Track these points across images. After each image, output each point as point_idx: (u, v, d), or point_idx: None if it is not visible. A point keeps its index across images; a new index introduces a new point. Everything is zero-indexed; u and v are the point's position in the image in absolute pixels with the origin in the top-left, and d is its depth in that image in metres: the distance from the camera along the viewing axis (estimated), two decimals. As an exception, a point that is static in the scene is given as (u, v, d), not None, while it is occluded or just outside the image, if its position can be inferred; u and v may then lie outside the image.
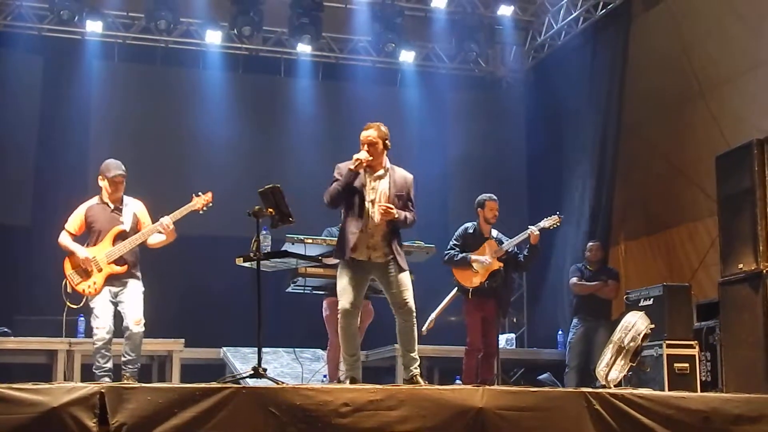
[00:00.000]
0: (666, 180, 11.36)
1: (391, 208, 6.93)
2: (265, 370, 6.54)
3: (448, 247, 9.17)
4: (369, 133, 7.06)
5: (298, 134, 12.95)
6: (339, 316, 7.05)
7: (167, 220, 7.67)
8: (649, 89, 11.66)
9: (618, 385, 7.80)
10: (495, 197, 9.30)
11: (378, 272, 7.07)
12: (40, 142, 12.41)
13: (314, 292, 8.89)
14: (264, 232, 6.94)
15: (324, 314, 8.71)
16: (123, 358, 7.61)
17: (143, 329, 7.66)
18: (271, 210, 6.63)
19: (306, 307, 9.52)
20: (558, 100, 13.09)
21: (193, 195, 7.79)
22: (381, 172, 7.10)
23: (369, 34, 12.98)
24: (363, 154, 6.99)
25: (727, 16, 10.48)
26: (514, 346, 11.95)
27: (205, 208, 7.78)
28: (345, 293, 7.01)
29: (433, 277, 8.98)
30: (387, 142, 7.10)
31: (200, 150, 12.47)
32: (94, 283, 7.61)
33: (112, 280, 7.66)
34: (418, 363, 7.13)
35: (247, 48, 13.04)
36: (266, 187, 6.70)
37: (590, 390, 6.42)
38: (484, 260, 9.01)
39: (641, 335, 7.64)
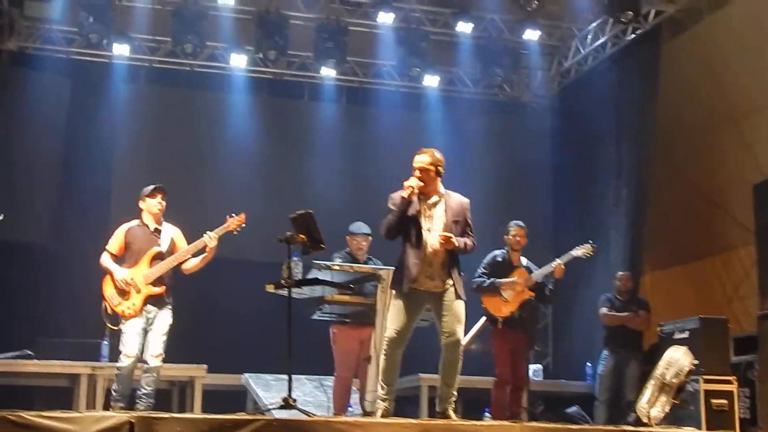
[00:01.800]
0: (696, 208, 11.18)
1: (450, 237, 6.78)
2: (294, 400, 6.39)
3: (477, 274, 9.02)
4: (421, 159, 6.94)
5: (321, 158, 12.86)
6: (385, 343, 6.92)
7: (213, 234, 7.67)
8: (678, 115, 11.50)
9: (660, 422, 7.58)
10: (522, 224, 9.19)
11: (434, 301, 6.93)
12: (66, 163, 12.46)
13: (340, 319, 8.74)
14: (295, 258, 6.80)
15: (332, 340, 8.65)
16: (139, 390, 7.59)
17: (161, 364, 7.66)
18: (302, 236, 6.51)
19: (328, 334, 9.37)
20: (584, 126, 12.95)
21: (228, 216, 7.79)
22: (436, 198, 6.98)
23: (393, 59, 12.89)
24: (413, 181, 6.84)
25: (760, 42, 10.32)
26: (541, 378, 11.73)
27: (238, 229, 7.77)
28: (396, 321, 6.88)
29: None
30: (440, 168, 6.97)
31: (224, 174, 12.43)
32: (134, 304, 7.61)
33: (149, 302, 7.65)
34: (454, 399, 6.98)
35: (272, 72, 12.99)
36: (298, 213, 6.60)
37: (631, 429, 6.24)
38: (514, 281, 8.85)
39: (685, 371, 7.43)
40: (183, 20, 11.97)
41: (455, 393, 6.99)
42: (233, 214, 7.79)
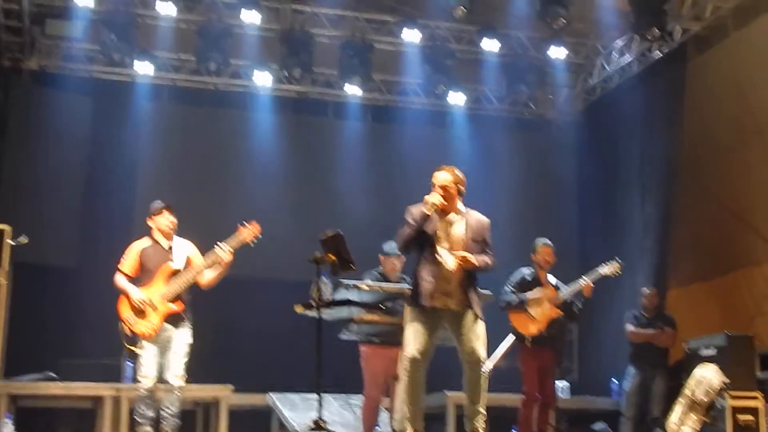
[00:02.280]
0: (721, 224, 11.14)
1: (467, 256, 6.72)
2: (325, 422, 6.37)
3: (504, 291, 8.99)
4: (442, 176, 6.86)
5: (347, 177, 12.86)
6: (406, 364, 6.80)
7: (226, 246, 7.53)
8: (704, 132, 11.47)
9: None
10: (549, 242, 9.14)
11: (452, 320, 6.84)
12: (88, 182, 12.42)
13: (368, 339, 8.71)
14: (324, 278, 6.78)
15: (362, 360, 8.57)
16: (162, 412, 7.54)
17: (183, 384, 7.59)
18: (332, 257, 6.50)
19: (354, 353, 9.35)
20: (610, 143, 12.95)
21: (239, 225, 7.65)
22: (455, 216, 6.90)
23: (419, 77, 12.89)
24: (435, 197, 6.76)
25: (788, 58, 10.32)
26: (568, 394, 11.68)
27: (255, 240, 7.63)
28: (414, 341, 6.76)
29: (489, 324, 8.77)
30: (461, 186, 6.91)
31: (250, 192, 12.34)
32: (152, 323, 7.54)
33: (168, 320, 7.58)
34: (483, 418, 6.89)
35: (296, 90, 13.04)
36: (328, 234, 6.57)
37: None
38: (541, 293, 8.83)
39: (715, 389, 7.41)
40: (207, 38, 11.99)
41: (483, 411, 6.89)
42: (245, 222, 7.66)
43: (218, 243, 7.56)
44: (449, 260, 6.75)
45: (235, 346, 11.68)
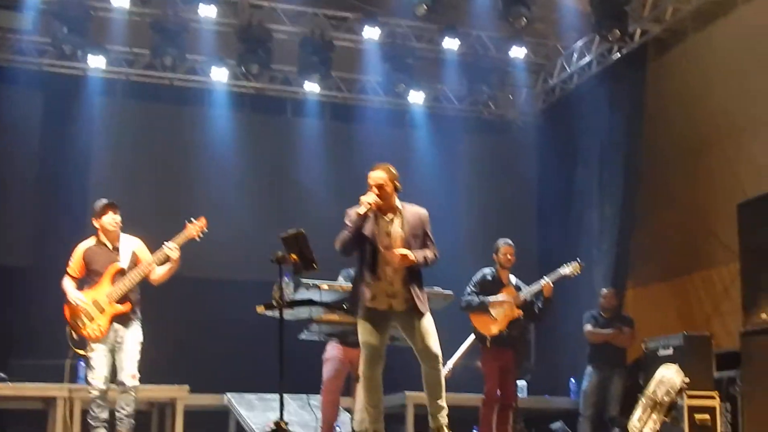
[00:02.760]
0: (680, 226, 11.23)
1: (407, 254, 6.62)
2: (287, 423, 6.27)
3: (466, 292, 8.96)
4: (377, 175, 6.75)
5: (307, 175, 12.74)
6: (361, 365, 6.78)
7: (174, 244, 7.45)
8: (664, 134, 11.52)
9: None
10: (510, 242, 9.13)
11: (400, 320, 6.78)
12: (39, 180, 12.17)
13: (327, 338, 8.63)
14: (286, 279, 6.67)
15: (324, 356, 8.51)
16: (117, 413, 7.38)
17: (138, 384, 7.45)
18: (294, 257, 6.39)
19: (312, 353, 9.26)
20: (570, 144, 12.95)
21: (187, 222, 7.59)
22: (392, 215, 6.79)
23: (379, 74, 12.80)
24: (370, 197, 6.66)
25: (747, 62, 10.34)
26: (525, 394, 11.66)
27: (201, 235, 7.56)
28: (368, 343, 6.72)
29: (451, 324, 8.70)
30: (397, 183, 6.79)
31: (205, 190, 12.14)
32: (99, 325, 7.38)
33: (116, 320, 7.42)
34: (446, 412, 6.85)
35: (254, 86, 12.85)
36: (290, 232, 6.47)
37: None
38: (503, 299, 8.80)
39: (676, 389, 7.42)
40: (162, 32, 11.72)
41: (445, 406, 6.85)
42: (192, 219, 7.60)
43: (165, 243, 7.48)
44: (390, 260, 6.65)
45: (193, 346, 11.49)
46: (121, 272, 7.49)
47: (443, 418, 6.83)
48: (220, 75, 12.42)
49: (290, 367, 7.16)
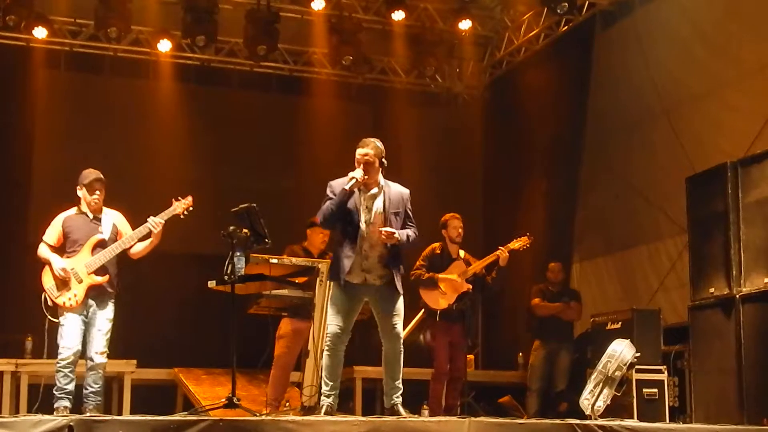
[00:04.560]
0: (626, 200, 11.28)
1: (393, 233, 6.67)
2: (239, 399, 6.22)
3: (415, 267, 8.95)
4: (366, 151, 6.80)
5: (255, 149, 12.63)
6: (327, 339, 6.80)
7: (159, 219, 7.35)
8: (610, 108, 11.58)
9: (601, 414, 7.64)
10: (458, 215, 9.15)
11: (372, 295, 6.83)
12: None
13: (277, 313, 8.60)
14: (238, 253, 6.60)
15: (278, 332, 8.52)
16: (85, 390, 7.23)
17: (106, 360, 7.33)
18: (246, 231, 6.33)
19: (261, 328, 9.21)
20: (516, 117, 12.94)
21: (173, 200, 7.49)
22: (375, 190, 6.84)
23: (325, 47, 12.68)
24: (358, 173, 6.71)
25: (691, 36, 10.45)
26: (473, 368, 11.72)
27: (186, 213, 7.47)
28: (336, 317, 6.76)
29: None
30: (383, 159, 6.86)
31: (150, 163, 12.02)
32: (75, 295, 7.22)
33: (92, 292, 7.29)
34: (401, 392, 6.90)
35: (199, 58, 12.67)
36: (241, 206, 6.41)
37: (578, 422, 6.25)
38: (453, 278, 8.83)
39: (627, 364, 7.49)
40: (107, 3, 11.45)
41: (401, 386, 6.93)
42: (179, 198, 7.49)
43: (150, 217, 7.37)
44: (372, 236, 6.73)
45: (141, 321, 11.34)
46: (102, 243, 7.37)
47: (398, 398, 6.90)
48: (164, 47, 12.22)
49: (239, 342, 7.13)
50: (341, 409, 7.11)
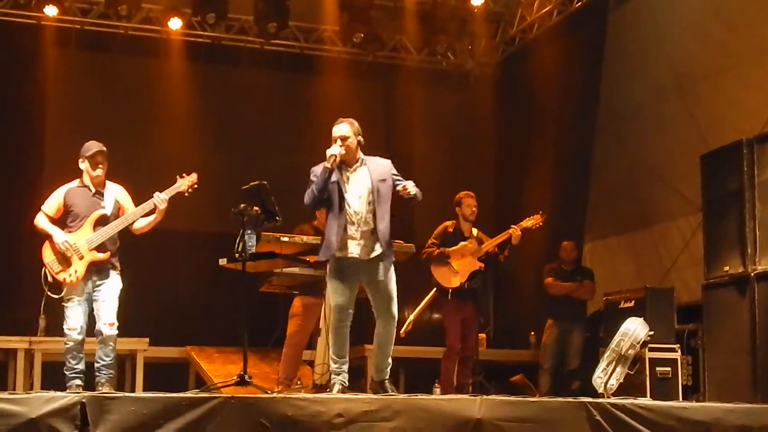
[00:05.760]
0: (638, 178, 11.20)
1: (405, 187, 6.78)
2: (251, 377, 6.21)
3: (426, 245, 8.94)
4: (342, 129, 6.85)
5: (261, 126, 12.57)
6: (332, 315, 6.82)
7: (164, 195, 7.22)
8: (624, 85, 11.48)
9: (614, 393, 7.62)
10: (472, 193, 9.13)
11: (366, 272, 6.81)
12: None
13: (288, 291, 8.60)
14: (248, 231, 6.58)
15: (291, 310, 8.53)
16: (96, 363, 7.11)
17: (117, 332, 7.17)
18: (257, 208, 6.30)
19: (272, 306, 9.20)
20: (528, 94, 12.84)
21: (178, 176, 7.39)
22: (357, 164, 6.88)
23: (336, 24, 12.62)
24: (336, 149, 6.75)
25: (706, 12, 10.31)
26: (484, 347, 11.70)
27: (190, 190, 7.37)
28: (337, 292, 6.77)
29: (411, 277, 8.70)
30: (360, 138, 6.88)
31: (160, 142, 11.98)
32: (75, 271, 7.05)
33: (93, 268, 7.14)
34: (389, 366, 6.95)
35: (209, 36, 12.60)
36: (252, 184, 6.38)
37: (590, 400, 6.23)
38: (464, 245, 8.80)
39: (640, 343, 7.46)
40: (117, -19, 11.50)
41: (390, 363, 6.95)
42: (184, 174, 7.39)
43: (156, 193, 7.25)
44: (356, 206, 6.77)
45: (153, 299, 11.40)
46: (104, 219, 7.22)
47: (387, 373, 6.94)
48: (175, 25, 12.18)
49: (250, 320, 7.12)
50: (352, 387, 7.10)
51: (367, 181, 6.81)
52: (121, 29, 12.31)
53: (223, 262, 6.85)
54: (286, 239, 7.96)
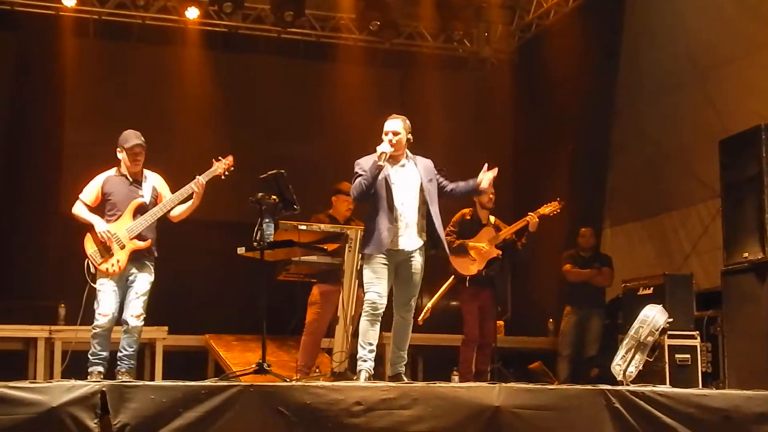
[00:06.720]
0: (657, 164, 11.17)
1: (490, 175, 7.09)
2: (269, 365, 6.24)
3: (445, 233, 8.89)
4: (395, 124, 7.00)
5: (278, 115, 12.58)
6: (368, 306, 6.86)
7: (202, 179, 7.20)
8: (641, 71, 11.43)
9: (633, 380, 7.60)
10: None
11: (403, 263, 6.93)
12: (12, 121, 11.99)
13: (306, 279, 8.61)
14: (266, 220, 6.59)
15: (310, 299, 8.55)
16: (119, 352, 7.13)
17: (143, 324, 7.18)
18: (275, 197, 6.32)
19: (289, 294, 9.21)
20: (545, 81, 12.80)
21: (214, 160, 7.36)
22: (404, 161, 7.03)
23: (352, 12, 12.63)
24: (386, 147, 6.86)
25: (725, -3, 10.26)
26: (502, 334, 11.69)
27: (227, 173, 7.34)
28: (375, 284, 6.85)
29: (429, 265, 8.69)
30: (410, 135, 7.04)
31: (179, 130, 11.98)
32: (118, 261, 7.03)
33: (133, 257, 7.13)
34: (405, 362, 7.06)
35: (226, 25, 12.62)
36: (269, 173, 6.40)
37: (609, 388, 6.23)
38: (482, 246, 8.79)
39: (659, 330, 7.44)
40: (134, -30, 11.56)
41: (405, 356, 7.06)
42: (220, 158, 7.36)
43: (197, 176, 7.24)
44: (404, 199, 6.91)
45: (172, 288, 11.36)
46: (142, 208, 7.21)
47: (402, 368, 7.04)
48: (192, 14, 12.22)
49: (269, 308, 7.14)
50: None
51: (416, 178, 7.00)
52: (138, 19, 12.35)
53: (241, 250, 6.86)
54: (303, 227, 7.97)
